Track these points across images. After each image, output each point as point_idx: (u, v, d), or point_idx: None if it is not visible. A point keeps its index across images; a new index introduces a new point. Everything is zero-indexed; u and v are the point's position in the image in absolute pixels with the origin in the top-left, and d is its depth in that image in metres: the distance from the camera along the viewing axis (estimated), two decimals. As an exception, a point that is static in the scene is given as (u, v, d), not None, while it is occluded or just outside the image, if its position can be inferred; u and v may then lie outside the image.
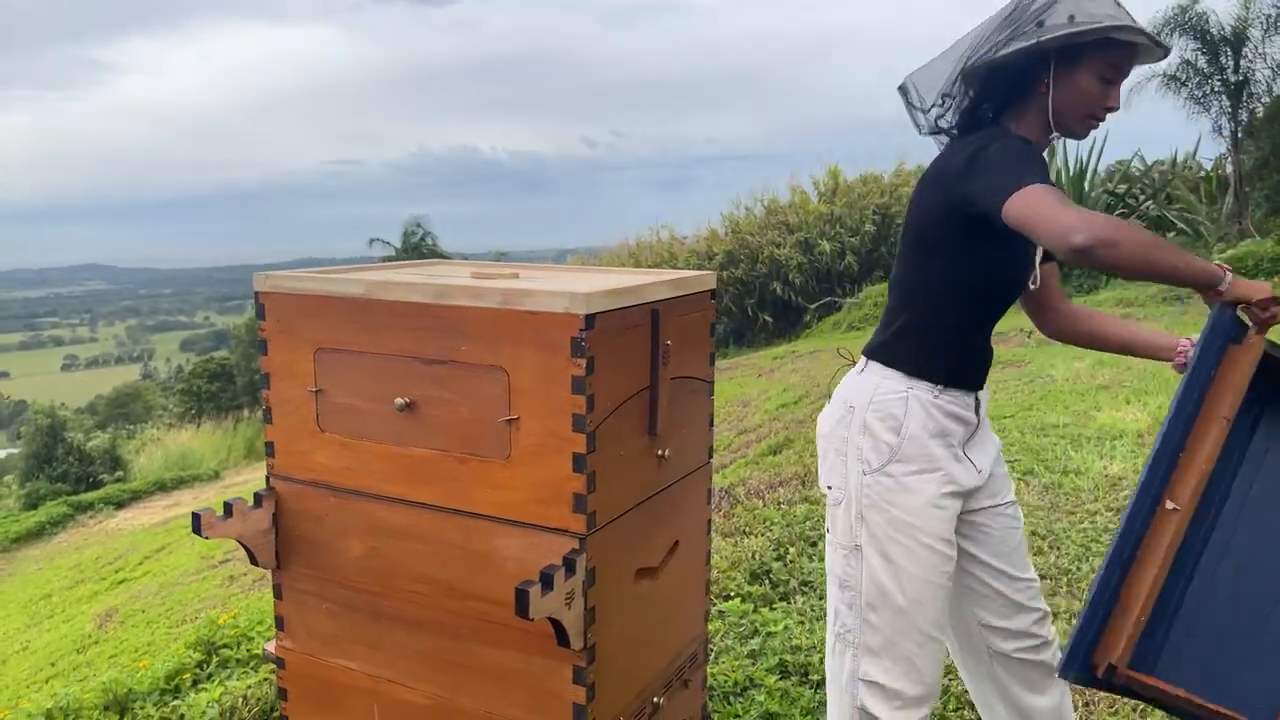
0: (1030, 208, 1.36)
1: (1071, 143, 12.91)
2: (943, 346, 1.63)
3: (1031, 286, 1.67)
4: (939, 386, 1.62)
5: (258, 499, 1.71)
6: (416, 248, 21.46)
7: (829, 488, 1.67)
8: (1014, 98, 1.58)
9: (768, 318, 16.61)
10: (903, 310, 1.65)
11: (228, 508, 1.66)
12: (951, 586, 1.67)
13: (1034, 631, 1.77)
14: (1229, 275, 1.43)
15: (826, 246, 16.50)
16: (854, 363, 1.74)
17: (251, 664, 3.53)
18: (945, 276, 1.60)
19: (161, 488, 13.56)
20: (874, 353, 1.68)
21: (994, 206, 1.40)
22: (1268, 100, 11.70)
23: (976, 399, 1.68)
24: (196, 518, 1.61)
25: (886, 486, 1.60)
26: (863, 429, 1.61)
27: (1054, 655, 1.79)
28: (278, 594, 1.76)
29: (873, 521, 1.61)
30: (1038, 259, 1.66)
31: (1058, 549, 3.29)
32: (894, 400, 1.61)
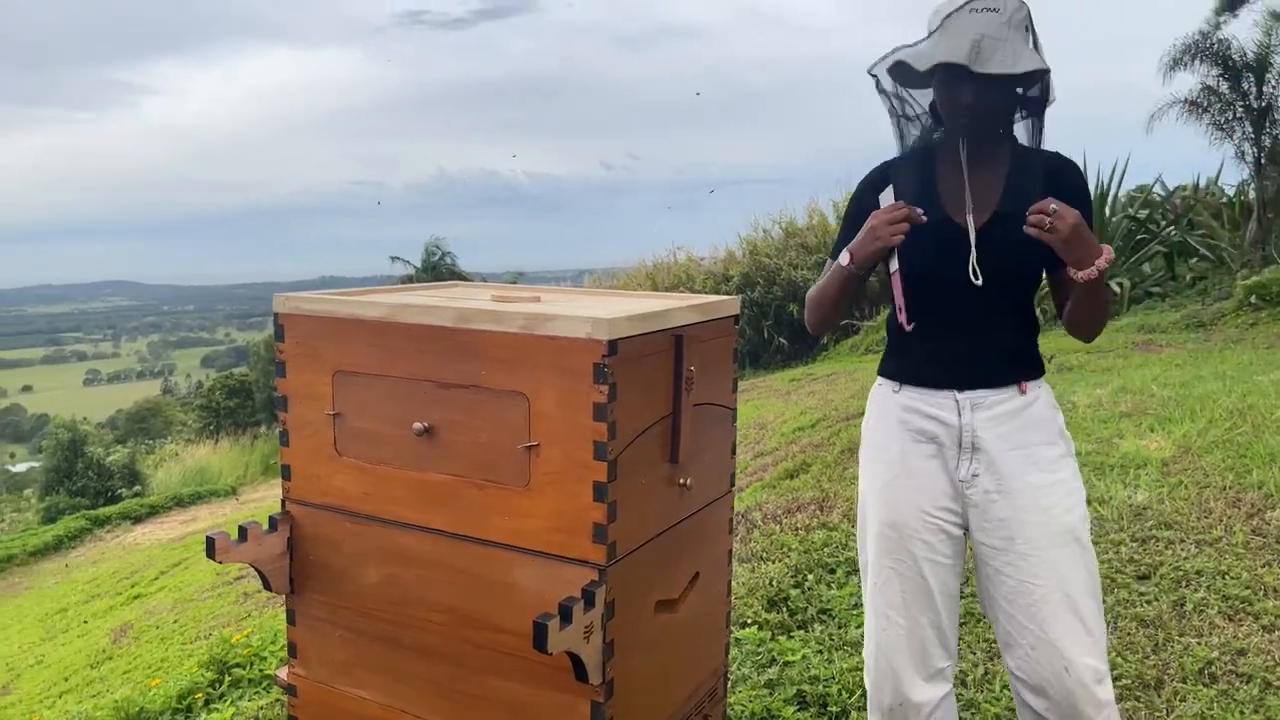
0: None
1: (1092, 167, 12.86)
2: (893, 345, 1.79)
3: (977, 283, 1.64)
4: (895, 383, 1.75)
5: (273, 523, 1.69)
6: (435, 267, 21.56)
7: None
8: None
9: (784, 340, 16.56)
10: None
11: (242, 532, 1.64)
12: (916, 574, 1.74)
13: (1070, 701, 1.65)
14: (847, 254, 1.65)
15: (844, 269, 16.44)
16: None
17: (264, 684, 3.50)
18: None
19: (179, 503, 13.62)
20: None
21: None
22: (1291, 126, 11.60)
23: (957, 399, 1.69)
24: (211, 542, 1.59)
25: (860, 470, 1.81)
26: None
27: None
28: (291, 620, 1.74)
29: (858, 498, 1.82)
30: (972, 258, 1.64)
31: (1083, 581, 3.22)
32: (870, 398, 1.82)
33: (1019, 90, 1.61)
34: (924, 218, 1.59)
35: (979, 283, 1.63)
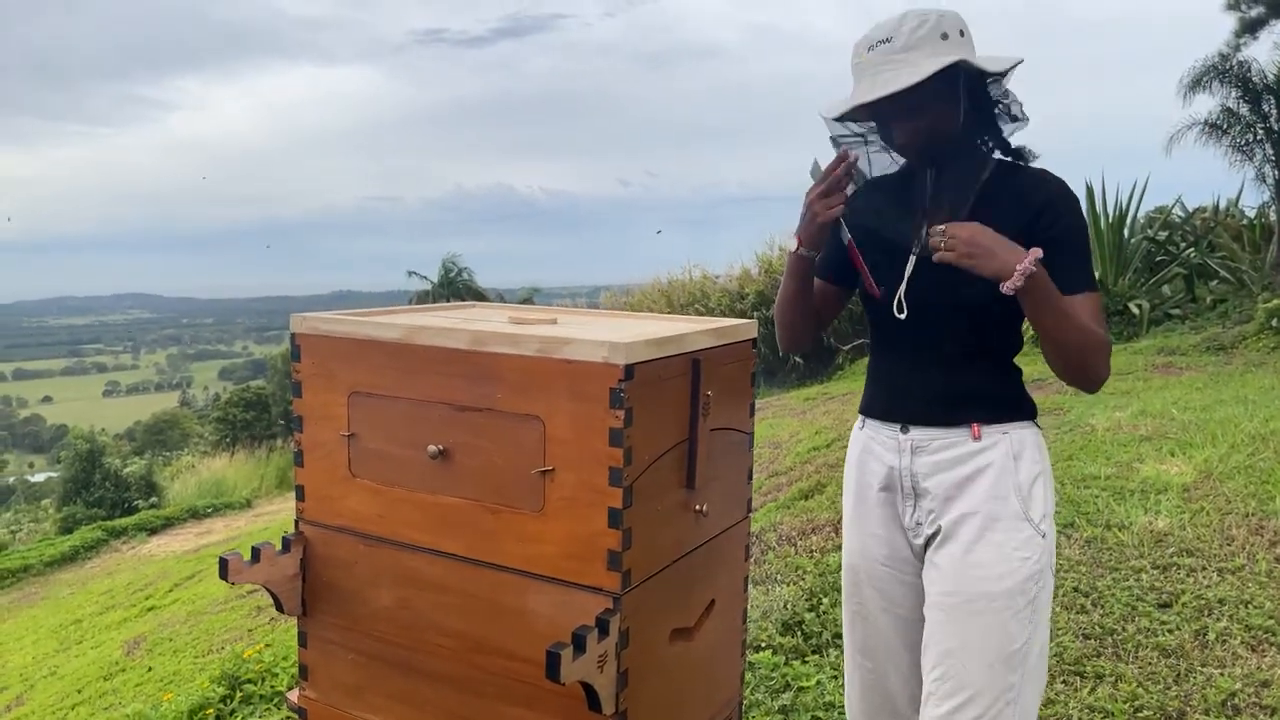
0: None
1: (1111, 188, 12.77)
2: (867, 376, 1.77)
3: (899, 316, 1.63)
4: (862, 417, 1.76)
5: (286, 544, 1.69)
6: (452, 283, 21.65)
7: None
8: None
9: (799, 358, 16.50)
10: None
11: (255, 552, 1.64)
12: (875, 621, 1.72)
13: None
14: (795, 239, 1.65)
15: (860, 287, 16.39)
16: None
17: (275, 700, 3.50)
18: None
19: (194, 515, 13.67)
20: None
21: None
22: (1313, 149, 11.51)
23: (899, 440, 1.64)
24: (224, 563, 1.59)
25: None
26: None
27: None
28: (303, 642, 1.73)
29: None
30: (900, 290, 1.62)
31: (1100, 607, 3.18)
32: None
33: (955, 95, 1.51)
34: (857, 162, 1.60)
35: (901, 317, 1.62)
